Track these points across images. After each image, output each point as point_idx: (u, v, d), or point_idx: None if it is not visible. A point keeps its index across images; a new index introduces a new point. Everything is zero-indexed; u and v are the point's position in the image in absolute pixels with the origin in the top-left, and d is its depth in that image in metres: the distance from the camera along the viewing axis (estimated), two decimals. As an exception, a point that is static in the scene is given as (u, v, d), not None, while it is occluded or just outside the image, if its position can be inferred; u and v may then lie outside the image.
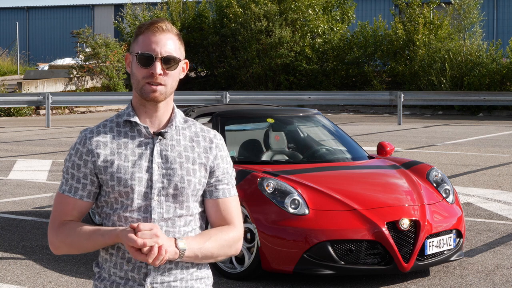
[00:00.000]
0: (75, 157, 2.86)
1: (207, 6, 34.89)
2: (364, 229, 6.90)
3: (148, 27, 2.83)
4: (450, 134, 20.90)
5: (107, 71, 31.16)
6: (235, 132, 8.92)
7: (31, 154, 16.70)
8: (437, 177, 7.86)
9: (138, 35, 2.85)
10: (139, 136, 2.86)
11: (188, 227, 2.86)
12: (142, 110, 2.87)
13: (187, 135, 2.89)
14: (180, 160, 2.84)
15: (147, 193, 2.81)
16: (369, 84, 31.38)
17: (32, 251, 8.26)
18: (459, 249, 7.47)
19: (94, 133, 2.87)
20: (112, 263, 2.86)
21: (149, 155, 2.83)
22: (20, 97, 25.76)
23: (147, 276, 2.81)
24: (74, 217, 2.88)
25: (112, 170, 2.82)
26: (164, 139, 2.85)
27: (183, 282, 2.86)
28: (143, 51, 2.80)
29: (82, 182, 2.85)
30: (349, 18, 34.15)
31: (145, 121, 2.87)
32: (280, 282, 7.14)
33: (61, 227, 2.86)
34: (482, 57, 29.14)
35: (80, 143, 2.86)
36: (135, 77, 2.84)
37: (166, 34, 2.83)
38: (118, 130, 2.87)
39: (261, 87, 32.15)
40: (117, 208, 2.84)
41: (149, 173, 2.82)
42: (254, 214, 7.07)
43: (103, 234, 2.77)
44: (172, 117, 2.89)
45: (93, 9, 52.64)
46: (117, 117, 2.91)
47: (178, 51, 2.86)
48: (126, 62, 2.90)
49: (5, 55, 42.70)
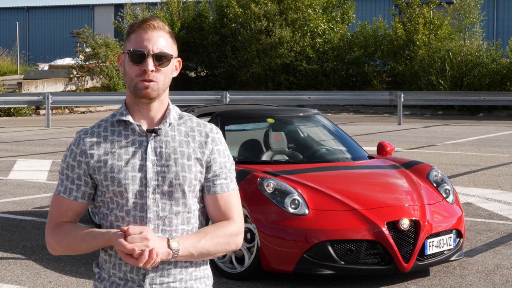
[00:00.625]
0: (69, 158, 2.88)
1: (207, 6, 34.88)
2: (364, 229, 6.90)
3: (139, 25, 2.84)
4: (450, 134, 20.90)
5: (107, 71, 31.17)
6: (235, 132, 8.92)
7: (31, 154, 16.70)
8: (437, 177, 7.86)
9: (130, 33, 2.86)
10: (133, 135, 2.85)
11: (188, 225, 2.85)
12: (136, 108, 2.87)
13: (182, 130, 2.88)
14: (175, 156, 2.83)
15: (142, 191, 2.81)
16: (369, 84, 31.38)
17: (32, 251, 8.26)
18: (459, 249, 7.47)
19: (88, 134, 2.87)
20: (111, 264, 2.86)
21: (143, 153, 2.83)
22: (20, 97, 25.76)
23: (146, 277, 2.81)
24: (69, 218, 2.89)
25: (106, 170, 2.82)
26: (158, 136, 2.84)
27: (182, 282, 2.85)
28: (135, 49, 2.81)
29: (76, 183, 2.86)
30: (349, 18, 34.15)
31: (139, 119, 2.87)
32: (280, 282, 7.14)
33: (57, 228, 2.87)
34: (482, 57, 29.14)
35: (75, 144, 2.87)
36: (128, 75, 2.84)
37: (158, 31, 2.83)
38: (112, 130, 2.87)
39: (261, 87, 32.15)
40: (113, 208, 2.83)
41: (143, 171, 2.81)
42: (254, 214, 7.07)
43: (96, 236, 2.78)
44: (166, 114, 2.88)
45: (93, 9, 52.65)
46: (111, 116, 2.91)
47: (170, 48, 2.86)
48: (119, 62, 2.91)
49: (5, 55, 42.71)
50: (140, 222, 2.81)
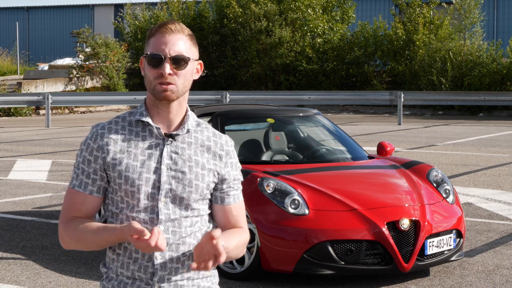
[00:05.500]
0: (86, 153, 2.88)
1: (207, 6, 34.88)
2: (364, 229, 6.90)
3: (157, 29, 2.86)
4: (450, 134, 20.90)
5: (107, 71, 31.16)
6: (235, 132, 8.91)
7: (31, 154, 16.69)
8: (437, 177, 7.86)
9: (149, 37, 2.88)
10: (150, 137, 2.87)
11: (195, 227, 2.88)
12: (155, 111, 2.89)
13: (199, 138, 2.90)
14: (190, 164, 2.86)
15: (153, 193, 2.83)
16: (369, 84, 31.38)
17: (32, 251, 8.25)
18: (459, 249, 7.47)
19: (105, 129, 2.88)
20: (119, 263, 2.87)
21: (159, 156, 2.84)
22: (20, 97, 25.76)
23: (154, 275, 2.83)
24: (83, 213, 2.89)
25: (121, 168, 2.83)
26: (174, 141, 2.86)
27: (189, 281, 2.88)
28: (152, 52, 2.83)
29: (92, 177, 2.87)
30: (349, 18, 34.15)
31: (157, 121, 2.88)
32: (280, 282, 7.14)
33: (70, 222, 2.88)
34: (482, 57, 29.14)
35: (91, 139, 2.88)
36: (147, 78, 2.86)
37: (176, 34, 2.84)
38: (130, 129, 2.88)
39: (261, 87, 32.15)
40: (123, 207, 2.85)
41: (157, 174, 2.83)
42: (254, 214, 7.07)
43: (109, 229, 2.78)
44: (184, 120, 2.90)
45: (93, 9, 52.65)
46: (129, 115, 2.92)
47: (189, 51, 2.86)
48: (141, 66, 2.92)
49: (5, 55, 42.70)
50: (150, 223, 2.83)
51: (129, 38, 35.12)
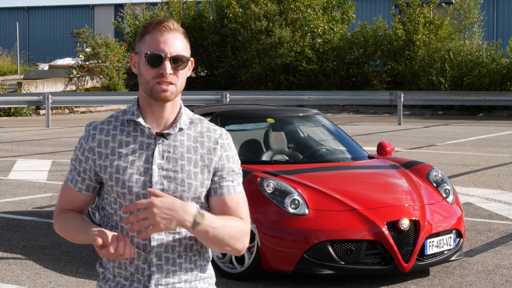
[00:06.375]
0: (79, 152, 2.88)
1: (207, 6, 34.87)
2: (364, 229, 6.90)
3: (155, 26, 2.79)
4: (450, 134, 20.90)
5: (107, 71, 31.16)
6: (235, 132, 8.91)
7: (31, 154, 16.69)
8: (437, 177, 7.86)
9: (144, 34, 2.81)
10: (142, 136, 2.83)
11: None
12: (149, 109, 2.85)
13: (192, 135, 2.85)
14: (182, 162, 2.80)
15: (145, 194, 2.78)
16: (369, 84, 31.38)
17: (32, 251, 8.26)
18: (459, 249, 7.47)
19: (97, 130, 2.86)
20: (116, 263, 2.86)
21: (150, 156, 2.80)
22: (20, 97, 25.76)
23: (152, 277, 2.81)
24: (73, 207, 2.91)
25: (111, 170, 2.81)
26: (166, 140, 2.82)
27: (187, 283, 2.85)
28: (152, 51, 2.77)
29: (82, 176, 2.88)
30: (349, 18, 34.15)
31: (151, 121, 2.84)
32: (280, 282, 7.14)
33: (60, 214, 2.91)
34: (482, 57, 29.13)
35: (84, 139, 2.87)
36: (143, 77, 2.80)
37: (174, 33, 2.80)
38: (122, 129, 2.85)
39: (261, 87, 32.15)
40: (116, 209, 2.83)
41: (148, 175, 2.79)
42: (254, 214, 7.06)
43: (86, 231, 2.78)
44: (177, 118, 2.85)
45: (93, 9, 52.65)
46: (123, 114, 2.88)
47: (186, 50, 2.83)
48: (131, 63, 2.87)
49: (5, 55, 42.71)
50: None
51: (129, 38, 35.11)
